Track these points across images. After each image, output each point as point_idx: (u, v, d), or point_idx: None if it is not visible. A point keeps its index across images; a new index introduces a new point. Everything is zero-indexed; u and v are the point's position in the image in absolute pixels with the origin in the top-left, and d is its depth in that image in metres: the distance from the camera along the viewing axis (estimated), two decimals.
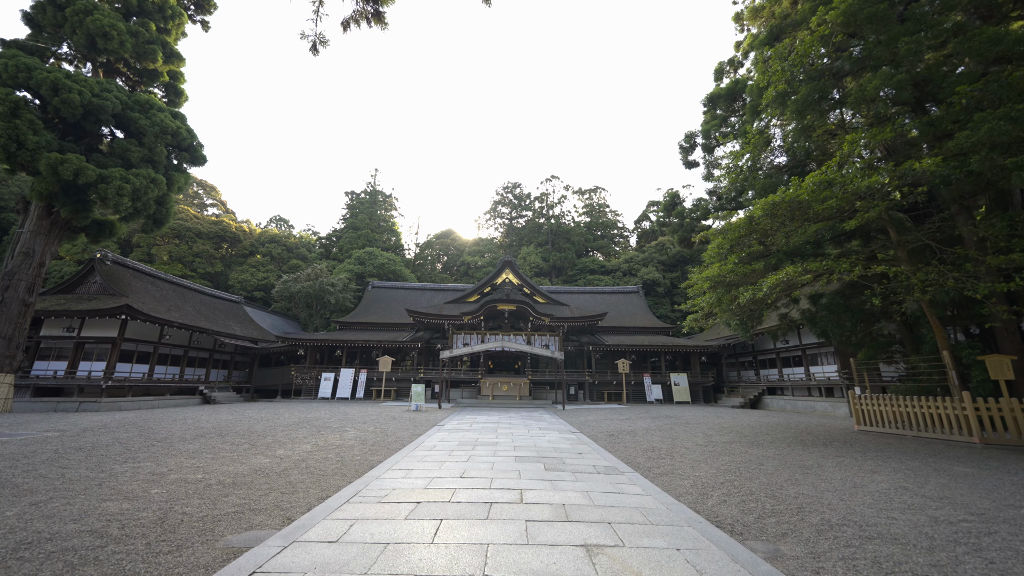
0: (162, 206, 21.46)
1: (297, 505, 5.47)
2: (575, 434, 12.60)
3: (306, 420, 15.30)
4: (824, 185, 9.57)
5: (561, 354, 24.49)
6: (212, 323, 28.00)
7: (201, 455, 8.58)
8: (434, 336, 32.99)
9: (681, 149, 20.91)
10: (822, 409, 22.26)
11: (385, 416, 17.46)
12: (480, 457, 8.58)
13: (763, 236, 11.81)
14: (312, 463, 8.07)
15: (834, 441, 11.01)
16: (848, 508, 5.39)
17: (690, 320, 14.35)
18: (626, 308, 39.49)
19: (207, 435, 11.13)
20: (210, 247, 46.91)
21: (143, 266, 26.33)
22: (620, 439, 11.72)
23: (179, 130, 21.22)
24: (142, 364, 23.61)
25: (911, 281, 9.74)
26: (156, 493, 5.88)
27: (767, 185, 13.86)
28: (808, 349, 25.48)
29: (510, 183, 69.29)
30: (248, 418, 15.70)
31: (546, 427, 14.39)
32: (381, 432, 12.49)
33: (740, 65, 22.16)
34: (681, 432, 13.19)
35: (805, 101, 11.01)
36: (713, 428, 14.28)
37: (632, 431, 13.47)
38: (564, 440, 11.20)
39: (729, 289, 12.36)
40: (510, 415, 19.35)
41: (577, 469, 7.59)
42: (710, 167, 18.50)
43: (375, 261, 46.74)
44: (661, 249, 53.11)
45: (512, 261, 35.19)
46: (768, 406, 26.34)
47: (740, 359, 32.27)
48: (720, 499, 5.87)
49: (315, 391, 29.83)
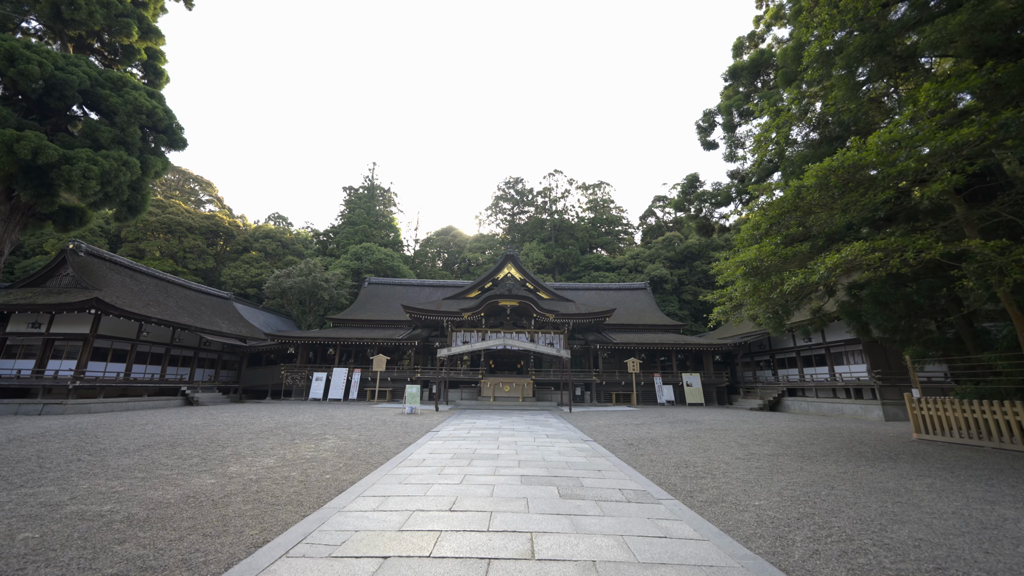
0: (137, 192, 19.86)
1: (215, 558, 3.82)
2: (588, 443, 10.93)
3: (284, 425, 13.66)
4: (892, 145, 7.88)
5: (567, 352, 22.81)
6: (197, 320, 26.40)
7: (130, 474, 6.94)
8: (432, 334, 31.35)
9: (699, 129, 19.20)
10: (851, 412, 20.52)
11: (375, 420, 15.82)
12: (477, 476, 6.92)
13: (806, 214, 10.14)
14: (266, 486, 6.43)
15: (900, 453, 9.30)
16: (1011, 570, 3.70)
17: (717, 312, 12.64)
18: (633, 305, 37.77)
19: (156, 445, 9.49)
20: (202, 242, 45.37)
21: (121, 258, 24.73)
22: (641, 449, 10.04)
23: (155, 110, 19.61)
24: (118, 363, 22.02)
25: (995, 263, 8.03)
26: (23, 540, 4.23)
27: (804, 157, 12.18)
28: (833, 347, 23.73)
29: (512, 178, 67.61)
30: (219, 423, 14.06)
31: (554, 434, 12.72)
32: (365, 440, 10.84)
33: (761, 39, 20.46)
34: (710, 441, 11.50)
35: (862, 49, 9.31)
36: (744, 435, 12.58)
37: (652, 439, 11.79)
38: (577, 451, 9.54)
39: (766, 276, 10.67)
40: (512, 419, 17.69)
41: (601, 496, 5.93)
42: (732, 146, 16.79)
43: (372, 257, 45.10)
44: (668, 245, 51.37)
45: (514, 255, 33.52)
46: (789, 408, 24.60)
47: (756, 358, 30.51)
48: (810, 548, 4.19)
49: (306, 392, 28.22)
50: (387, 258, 45.95)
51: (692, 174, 17.76)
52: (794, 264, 10.69)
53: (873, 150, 7.90)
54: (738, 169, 17.92)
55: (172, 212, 43.80)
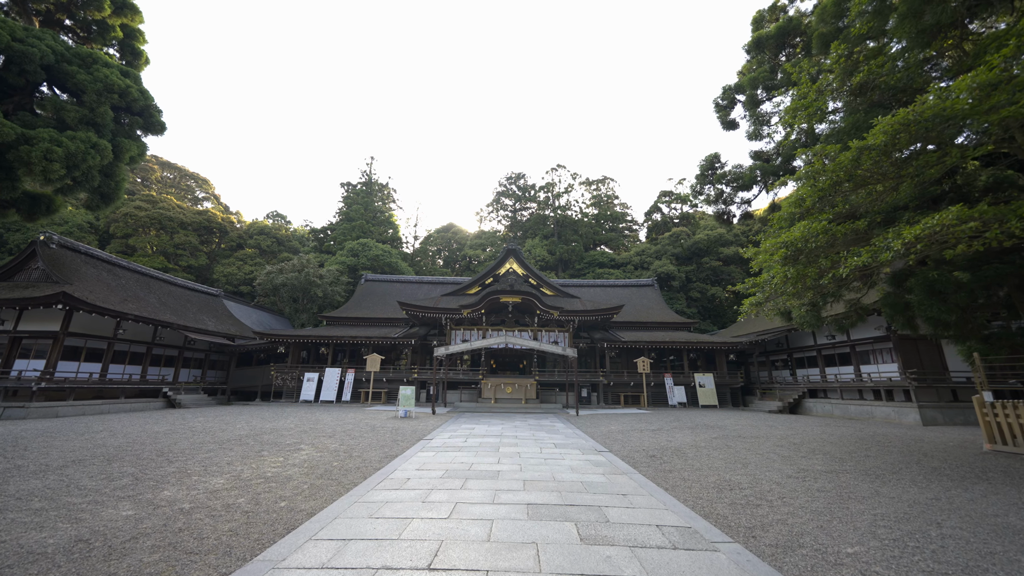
0: (110, 178, 18.40)
1: None
2: (603, 454, 9.39)
3: (257, 433, 12.16)
4: (987, 89, 6.33)
5: (574, 351, 21.25)
6: (181, 317, 24.94)
7: (26, 503, 5.44)
8: (431, 332, 29.84)
9: (717, 108, 17.64)
10: (882, 415, 18.92)
11: (363, 425, 14.32)
12: (472, 507, 5.39)
13: (859, 186, 8.61)
14: (197, 520, 4.92)
15: (985, 470, 7.72)
16: None
17: (748, 305, 11.07)
18: (641, 303, 36.18)
19: (88, 460, 7.98)
20: (194, 239, 43.94)
21: (98, 251, 23.26)
22: (668, 463, 8.50)
23: (129, 89, 18.14)
24: (93, 363, 20.57)
25: None
26: None
27: (847, 127, 10.65)
28: (859, 345, 22.12)
29: (514, 173, 66.04)
30: (185, 429, 12.56)
31: (563, 442, 11.18)
32: (344, 452, 9.33)
33: (783, 11, 18.94)
34: (743, 451, 9.95)
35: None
36: (781, 444, 11.02)
37: (677, 449, 10.25)
38: (592, 466, 8.00)
39: (813, 260, 9.13)
40: (515, 423, 16.16)
41: (636, 538, 4.39)
42: (757, 123, 15.21)
43: (369, 253, 43.58)
44: (675, 241, 49.77)
45: (516, 249, 31.97)
46: (811, 410, 23.00)
47: (772, 358, 28.90)
48: None
49: (297, 393, 26.75)
50: (384, 254, 44.44)
51: (712, 153, 16.19)
52: (843, 245, 9.16)
53: (964, 95, 6.35)
54: (761, 150, 16.35)
55: (163, 207, 42.39)
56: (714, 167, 16.23)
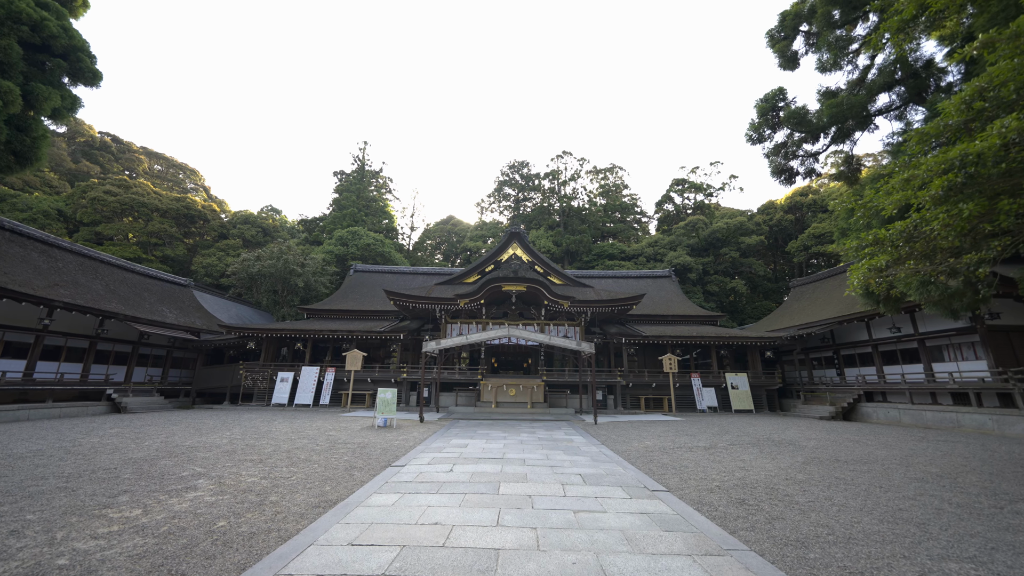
0: (23, 133, 15.07)
1: None
2: (661, 497, 5.92)
3: (163, 454, 8.73)
4: None
5: (590, 346, 17.79)
6: (132, 307, 21.56)
7: None
8: (424, 327, 26.41)
9: (771, 40, 14.07)
10: (975, 424, 15.35)
11: (323, 441, 10.88)
12: None
13: None
14: None
15: None
16: None
17: (862, 272, 7.58)
18: (658, 295, 32.64)
19: None
20: (172, 227, 40.61)
21: (26, 228, 19.86)
22: (779, 519, 5.00)
23: (44, 23, 14.78)
24: (15, 359, 17.23)
25: None
26: None
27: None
28: (929, 339, 18.54)
29: (517, 161, 62.51)
30: (55, 449, 9.13)
31: (592, 472, 7.70)
32: (257, 495, 5.89)
33: None
34: (879, 492, 6.45)
35: None
36: (921, 476, 7.50)
37: (770, 487, 6.76)
38: (656, 528, 4.52)
39: (969, 197, 5.72)
40: (521, 436, 12.70)
41: None
42: (839, 49, 11.66)
43: (359, 242, 40.12)
44: (691, 231, 46.19)
45: (520, 232, 28.49)
46: (869, 417, 19.42)
47: (812, 355, 25.32)
48: None
49: (268, 395, 23.37)
50: (376, 243, 40.98)
51: (776, 88, 12.59)
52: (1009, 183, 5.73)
53: None
54: (834, 88, 12.78)
55: (136, 192, 39.08)
56: (776, 107, 12.71)
